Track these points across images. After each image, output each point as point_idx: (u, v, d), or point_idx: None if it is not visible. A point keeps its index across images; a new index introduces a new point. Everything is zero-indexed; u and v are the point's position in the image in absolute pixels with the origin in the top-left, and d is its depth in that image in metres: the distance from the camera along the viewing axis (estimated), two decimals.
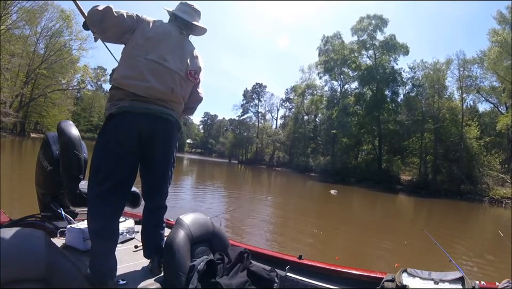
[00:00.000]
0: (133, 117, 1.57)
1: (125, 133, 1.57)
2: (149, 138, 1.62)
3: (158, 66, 1.64)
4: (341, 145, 37.17)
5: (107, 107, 1.64)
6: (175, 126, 1.74)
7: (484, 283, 1.54)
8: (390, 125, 32.68)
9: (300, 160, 44.29)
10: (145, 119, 1.59)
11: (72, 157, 2.03)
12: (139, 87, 1.59)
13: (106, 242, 1.56)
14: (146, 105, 1.60)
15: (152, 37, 1.68)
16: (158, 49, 1.66)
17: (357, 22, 35.12)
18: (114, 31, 1.67)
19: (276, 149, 53.97)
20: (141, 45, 1.65)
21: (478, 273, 4.69)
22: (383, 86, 33.76)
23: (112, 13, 1.61)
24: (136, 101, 1.59)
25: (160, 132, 1.65)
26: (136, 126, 1.58)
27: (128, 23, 1.66)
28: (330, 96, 42.19)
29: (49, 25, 33.41)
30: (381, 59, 34.48)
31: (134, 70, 1.61)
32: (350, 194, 19.93)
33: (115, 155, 1.57)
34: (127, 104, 1.58)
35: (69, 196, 2.07)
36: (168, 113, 1.67)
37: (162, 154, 1.72)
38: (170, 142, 1.74)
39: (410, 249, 6.31)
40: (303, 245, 5.81)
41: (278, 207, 11.19)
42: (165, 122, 1.66)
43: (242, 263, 1.74)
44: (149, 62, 1.63)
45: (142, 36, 1.66)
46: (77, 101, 50.16)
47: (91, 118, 51.23)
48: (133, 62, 1.62)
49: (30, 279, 0.85)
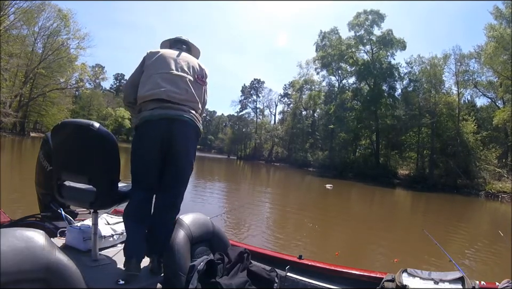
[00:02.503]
0: (152, 124, 1.77)
1: (148, 139, 1.78)
2: (168, 140, 1.79)
3: (169, 76, 1.86)
4: (339, 140, 37.27)
5: (133, 121, 1.90)
6: (190, 126, 1.85)
7: (484, 283, 1.54)
8: (387, 119, 32.71)
9: (298, 155, 44.40)
10: (163, 123, 1.77)
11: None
12: (157, 93, 1.80)
13: (136, 225, 1.76)
14: (164, 111, 1.78)
15: (158, 57, 1.92)
16: (166, 64, 1.89)
17: (354, 17, 34.96)
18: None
19: (275, 144, 54.00)
20: (151, 65, 1.90)
21: (478, 273, 4.69)
22: (380, 81, 33.72)
23: (134, 89, 1.93)
24: (155, 109, 1.78)
25: (176, 133, 1.79)
26: (156, 132, 1.77)
27: (140, 74, 1.93)
28: (328, 91, 42.22)
29: (47, 24, 33.40)
30: (378, 55, 34.41)
31: (151, 83, 1.83)
32: (347, 189, 20.03)
33: (143, 160, 1.80)
34: (147, 114, 1.78)
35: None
36: (184, 115, 1.82)
37: (178, 154, 1.84)
38: (187, 143, 1.85)
39: (408, 246, 6.35)
40: (302, 241, 5.83)
41: (276, 202, 11.24)
42: (180, 123, 1.81)
43: (242, 263, 1.75)
44: (161, 74, 1.85)
45: (150, 61, 1.91)
46: (76, 99, 49.92)
47: (90, 116, 50.86)
48: (149, 80, 1.85)
49: (30, 279, 0.85)
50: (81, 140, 1.79)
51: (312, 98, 45.81)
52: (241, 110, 63.12)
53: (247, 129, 62.57)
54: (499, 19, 24.68)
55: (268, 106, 63.35)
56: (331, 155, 36.87)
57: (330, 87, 42.35)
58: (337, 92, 39.63)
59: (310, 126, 47.41)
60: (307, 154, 42.60)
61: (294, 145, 49.02)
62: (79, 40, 34.64)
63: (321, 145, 43.19)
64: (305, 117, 49.78)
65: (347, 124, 34.73)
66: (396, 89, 34.09)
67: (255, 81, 62.88)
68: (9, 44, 27.10)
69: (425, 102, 30.17)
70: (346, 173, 30.93)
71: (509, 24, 23.82)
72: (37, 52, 34.11)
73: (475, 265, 5.22)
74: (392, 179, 27.82)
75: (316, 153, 41.22)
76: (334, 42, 37.29)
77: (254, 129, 60.08)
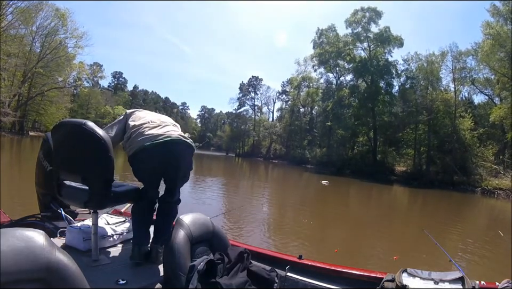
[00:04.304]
0: (151, 150, 1.94)
1: (149, 164, 1.98)
2: (169, 161, 2.00)
3: (158, 124, 2.09)
4: (337, 137, 37.36)
5: (128, 152, 2.03)
6: (184, 145, 2.07)
7: (483, 283, 1.55)
8: (384, 116, 32.80)
9: (296, 152, 44.48)
10: (163, 148, 1.96)
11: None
12: (155, 133, 2.00)
13: (142, 218, 2.03)
14: (162, 138, 1.97)
15: (143, 116, 2.18)
16: (150, 118, 2.15)
17: (351, 14, 35.01)
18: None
19: (273, 141, 53.99)
20: (141, 118, 2.14)
21: (478, 273, 4.69)
22: (378, 78, 33.78)
23: (116, 142, 2.09)
24: (152, 141, 1.97)
25: (176, 153, 2.03)
26: (154, 159, 1.96)
27: (123, 129, 2.14)
28: (326, 88, 42.18)
29: (45, 24, 33.32)
30: (376, 52, 34.44)
31: (148, 131, 2.01)
32: (345, 186, 20.08)
33: (146, 177, 2.04)
34: (147, 143, 1.95)
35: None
36: (180, 138, 2.04)
37: (176, 173, 2.08)
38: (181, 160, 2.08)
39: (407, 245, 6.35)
40: (300, 239, 5.85)
41: (274, 200, 11.28)
42: (178, 144, 2.03)
43: (242, 263, 1.74)
44: (152, 123, 2.08)
45: (138, 119, 2.13)
46: (74, 98, 49.68)
47: (88, 115, 50.73)
48: (143, 130, 2.03)
49: (30, 279, 0.84)
50: (75, 139, 1.81)
51: (310, 96, 45.82)
52: (239, 108, 63.23)
53: (245, 127, 62.57)
54: (496, 17, 24.76)
55: (266, 103, 63.43)
56: (329, 152, 36.95)
57: (328, 84, 42.34)
58: (334, 89, 39.63)
59: (308, 123, 47.40)
60: (305, 151, 42.66)
61: (292, 142, 49.05)
62: (77, 39, 34.70)
63: (319, 142, 43.22)
64: (303, 114, 49.74)
65: (345, 121, 34.80)
66: (393, 86, 34.23)
67: (253, 78, 62.89)
68: (7, 44, 27.08)
69: (422, 99, 30.25)
70: (344, 169, 31.02)
71: (505, 22, 23.88)
72: (35, 51, 34.12)
73: (475, 265, 5.22)
74: (389, 176, 27.96)
75: (314, 150, 41.26)
76: (332, 40, 37.29)
77: (252, 126, 60.12)
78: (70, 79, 37.09)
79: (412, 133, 30.97)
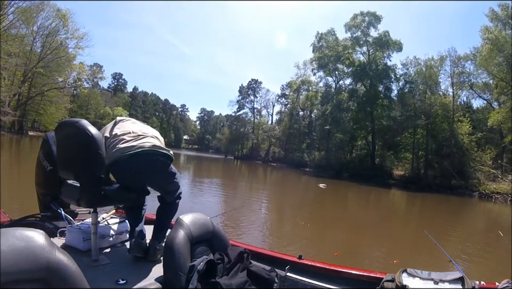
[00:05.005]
0: (123, 163, 1.91)
1: (122, 174, 2.00)
2: (139, 172, 2.00)
3: (137, 135, 2.06)
4: (335, 141, 37.34)
5: (109, 158, 1.95)
6: (156, 155, 2.04)
7: (483, 283, 1.55)
8: (383, 120, 32.85)
9: (295, 156, 44.45)
10: (132, 159, 1.93)
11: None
12: (128, 146, 1.96)
13: (133, 213, 2.11)
14: (133, 150, 1.93)
15: (128, 127, 2.14)
16: (132, 128, 2.13)
17: (351, 18, 35.05)
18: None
19: (272, 144, 53.92)
20: (125, 128, 2.10)
21: (478, 273, 4.70)
22: (376, 82, 33.84)
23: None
24: (123, 153, 1.94)
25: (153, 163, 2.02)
26: (126, 171, 1.96)
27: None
28: (325, 92, 42.20)
29: (46, 24, 33.39)
30: (375, 56, 34.52)
31: (122, 144, 1.97)
32: (343, 189, 20.09)
33: (126, 185, 2.02)
34: (119, 155, 1.93)
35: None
36: (152, 149, 2.01)
37: (150, 182, 2.11)
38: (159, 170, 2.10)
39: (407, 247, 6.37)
40: (299, 241, 5.86)
41: (273, 202, 11.28)
42: (149, 155, 1.99)
43: (242, 263, 1.74)
44: (133, 134, 2.06)
45: (122, 128, 2.11)
46: (74, 98, 49.78)
47: (87, 115, 50.71)
48: (118, 142, 2.00)
49: (30, 279, 0.84)
50: (69, 137, 1.83)
51: (309, 99, 45.91)
52: (238, 110, 63.13)
53: (244, 129, 62.45)
54: (494, 22, 24.91)
55: (265, 106, 63.46)
56: (327, 156, 36.94)
57: (327, 87, 42.37)
58: (333, 93, 39.64)
59: (306, 127, 47.39)
60: (304, 154, 42.68)
61: (291, 146, 49.02)
62: (78, 39, 34.83)
63: (317, 145, 43.21)
64: (302, 117, 49.79)
65: (343, 125, 34.84)
66: (392, 90, 34.24)
67: (252, 81, 63.00)
68: (8, 43, 27.16)
69: (420, 103, 30.29)
70: (342, 173, 30.98)
71: (504, 27, 24.03)
72: (35, 51, 34.15)
73: (475, 266, 5.23)
74: (388, 180, 27.93)
75: (313, 153, 41.28)
76: (331, 44, 37.39)
77: (252, 129, 60.07)
78: (70, 79, 37.35)
79: (410, 137, 30.99)
